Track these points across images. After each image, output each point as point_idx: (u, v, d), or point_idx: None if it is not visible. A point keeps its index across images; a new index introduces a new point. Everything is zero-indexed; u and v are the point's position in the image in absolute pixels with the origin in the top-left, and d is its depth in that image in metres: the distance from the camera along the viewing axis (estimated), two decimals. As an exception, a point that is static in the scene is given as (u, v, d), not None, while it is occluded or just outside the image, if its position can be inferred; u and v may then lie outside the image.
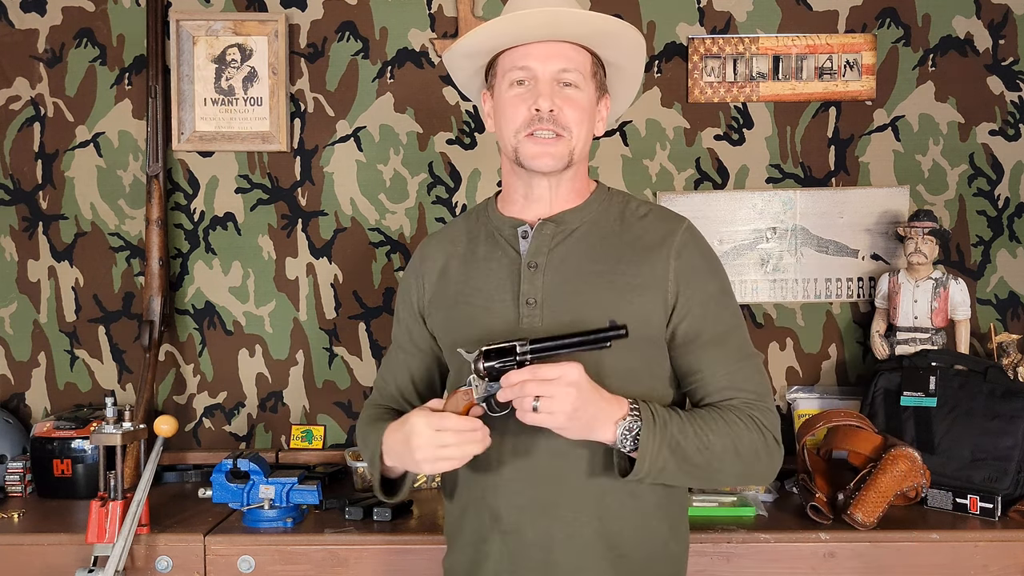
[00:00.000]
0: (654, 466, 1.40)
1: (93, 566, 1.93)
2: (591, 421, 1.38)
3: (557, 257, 1.53)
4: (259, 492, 2.07)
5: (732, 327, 1.53)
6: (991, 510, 2.04)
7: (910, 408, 2.26)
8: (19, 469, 2.34)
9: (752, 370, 1.52)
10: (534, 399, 1.34)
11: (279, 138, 2.54)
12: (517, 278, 1.53)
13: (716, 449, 1.44)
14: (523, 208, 1.57)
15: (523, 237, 1.55)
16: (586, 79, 1.52)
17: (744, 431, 1.46)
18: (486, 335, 1.49)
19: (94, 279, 2.58)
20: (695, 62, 2.54)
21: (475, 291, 1.56)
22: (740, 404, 1.48)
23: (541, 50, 1.49)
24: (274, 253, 2.58)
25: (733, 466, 1.46)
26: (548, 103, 1.47)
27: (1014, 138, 2.55)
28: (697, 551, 1.95)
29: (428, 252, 1.66)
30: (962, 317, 2.40)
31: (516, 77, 1.50)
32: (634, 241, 1.53)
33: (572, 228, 1.55)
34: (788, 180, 2.57)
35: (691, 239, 1.53)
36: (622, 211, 1.58)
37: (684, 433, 1.42)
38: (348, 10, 2.56)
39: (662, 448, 1.40)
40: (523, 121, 1.49)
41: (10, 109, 2.56)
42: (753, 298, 2.57)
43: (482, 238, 1.61)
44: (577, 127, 1.50)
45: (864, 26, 2.55)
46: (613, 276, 1.50)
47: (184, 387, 2.59)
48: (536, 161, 1.49)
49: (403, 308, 1.69)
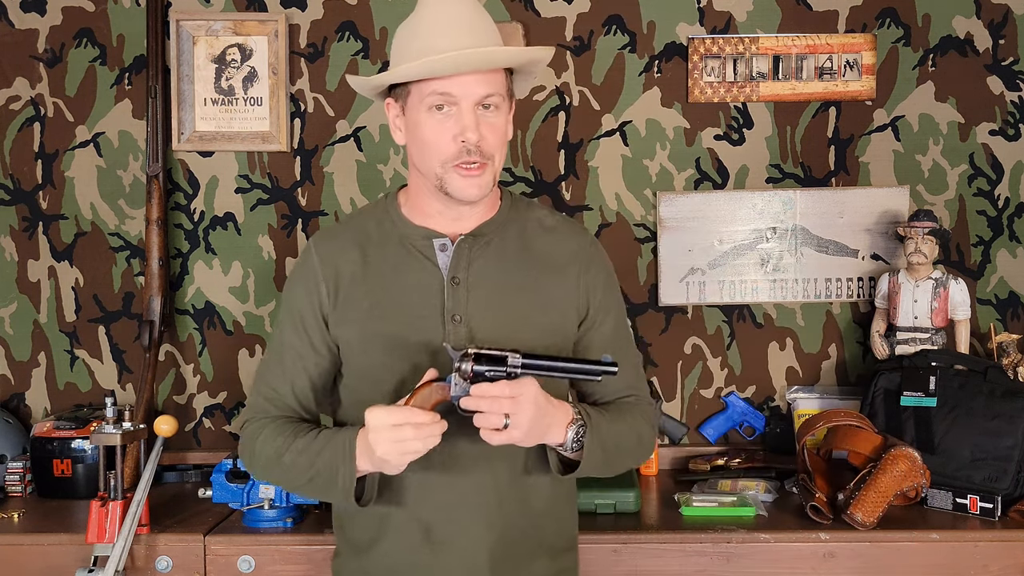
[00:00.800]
0: (592, 463, 1.51)
1: (93, 566, 1.93)
2: (545, 429, 1.46)
3: (477, 271, 1.55)
4: (259, 492, 2.07)
5: (628, 336, 1.73)
6: (991, 510, 2.04)
7: (910, 408, 2.26)
8: (19, 469, 2.34)
9: (640, 372, 1.73)
10: (505, 417, 1.40)
11: (279, 138, 2.54)
12: (440, 294, 1.53)
13: (626, 444, 1.59)
14: (437, 221, 1.56)
15: (441, 251, 1.54)
16: (504, 98, 1.52)
17: (643, 425, 1.64)
18: (411, 354, 1.52)
19: (94, 279, 2.58)
20: (695, 62, 2.54)
21: (394, 307, 1.54)
22: (635, 402, 1.65)
23: (464, 76, 1.46)
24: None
25: (633, 457, 1.65)
26: (475, 135, 1.46)
27: (1014, 138, 2.55)
28: (697, 551, 1.96)
29: (326, 254, 1.58)
30: (962, 317, 2.40)
31: (435, 102, 1.47)
32: (546, 254, 1.60)
33: (487, 240, 1.57)
34: (788, 180, 2.57)
35: (596, 254, 1.65)
36: (529, 221, 1.62)
37: (610, 432, 1.54)
38: (348, 10, 2.56)
39: (598, 448, 1.51)
40: (450, 154, 1.47)
41: (10, 109, 2.56)
42: (753, 298, 2.57)
43: (390, 245, 1.57)
44: (499, 152, 1.52)
45: (864, 26, 2.55)
46: (531, 292, 1.57)
47: (184, 387, 2.59)
48: (464, 192, 1.49)
49: (303, 310, 1.58)
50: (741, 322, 2.58)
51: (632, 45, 2.56)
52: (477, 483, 1.54)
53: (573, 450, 1.50)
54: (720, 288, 2.57)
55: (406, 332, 1.53)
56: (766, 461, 2.44)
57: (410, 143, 1.54)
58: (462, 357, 1.42)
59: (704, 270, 2.56)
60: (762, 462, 2.43)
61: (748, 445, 2.54)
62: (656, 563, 1.96)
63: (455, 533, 1.54)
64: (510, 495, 1.56)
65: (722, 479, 2.30)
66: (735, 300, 2.57)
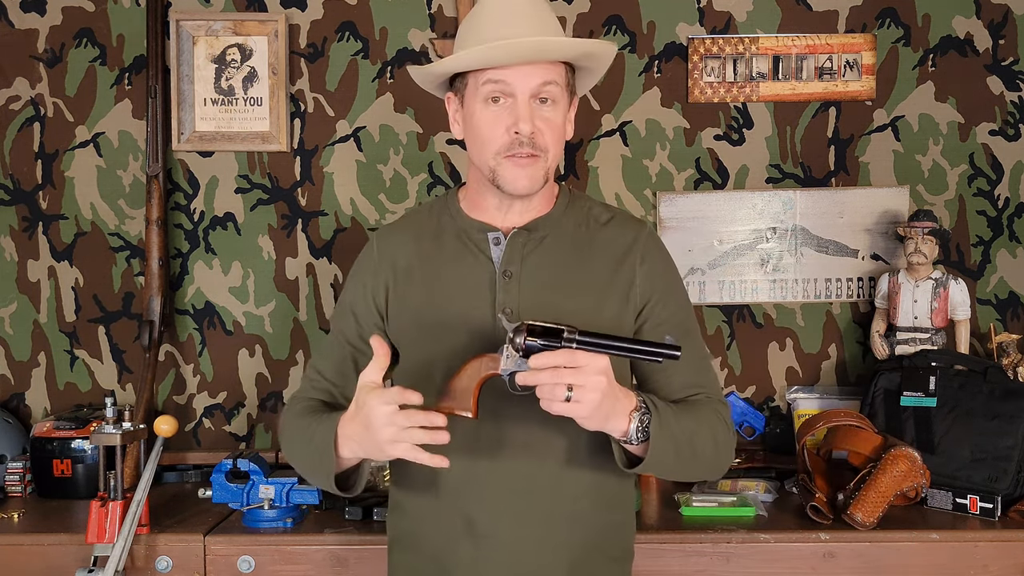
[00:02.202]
0: (660, 457, 1.41)
1: (93, 566, 1.92)
2: (610, 412, 1.36)
3: (530, 266, 1.53)
4: (259, 492, 2.07)
5: (693, 328, 1.60)
6: (991, 510, 2.04)
7: (910, 408, 2.26)
8: (19, 469, 2.34)
9: (710, 369, 1.61)
10: (567, 389, 1.31)
11: (279, 138, 2.54)
12: (492, 287, 1.52)
13: (700, 441, 1.47)
14: (493, 215, 1.56)
15: (495, 244, 1.54)
16: (562, 91, 1.50)
17: (718, 424, 1.51)
18: (460, 347, 1.48)
19: (94, 279, 2.58)
20: (695, 62, 2.54)
21: (446, 299, 1.54)
22: (704, 400, 1.54)
23: (519, 67, 1.46)
24: (274, 253, 2.58)
25: (710, 458, 1.51)
26: (529, 126, 1.45)
27: (1014, 138, 2.55)
28: (697, 551, 1.96)
29: (384, 247, 1.61)
30: (962, 317, 2.40)
31: (491, 92, 1.47)
32: (601, 249, 1.56)
33: (542, 236, 1.56)
34: (788, 180, 2.57)
35: (653, 245, 1.59)
36: (586, 217, 1.60)
37: (680, 425, 1.44)
38: (348, 10, 2.56)
39: (668, 440, 1.41)
40: (503, 144, 1.47)
41: (10, 109, 2.56)
42: (753, 298, 2.57)
43: (448, 238, 1.58)
44: (554, 147, 1.50)
45: (864, 26, 2.55)
46: (585, 287, 1.53)
47: (184, 387, 2.59)
48: (514, 184, 1.48)
49: (358, 302, 1.61)
50: (741, 322, 2.58)
51: (632, 45, 2.56)
52: (524, 474, 1.49)
53: (639, 439, 1.40)
54: (720, 288, 2.57)
55: (457, 323, 1.52)
56: (766, 461, 2.44)
57: (467, 136, 1.54)
58: (516, 329, 1.37)
59: (704, 270, 2.56)
60: (762, 462, 2.43)
61: (748, 445, 2.54)
62: (656, 563, 1.96)
63: (499, 528, 1.50)
64: (560, 491, 1.50)
65: (722, 479, 2.29)
66: (735, 300, 2.57)
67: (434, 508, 1.54)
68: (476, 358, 1.41)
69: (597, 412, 1.34)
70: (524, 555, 1.50)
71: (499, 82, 1.46)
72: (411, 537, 1.58)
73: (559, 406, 1.32)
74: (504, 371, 1.39)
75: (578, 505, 1.52)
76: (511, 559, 1.50)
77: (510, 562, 1.50)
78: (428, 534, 1.54)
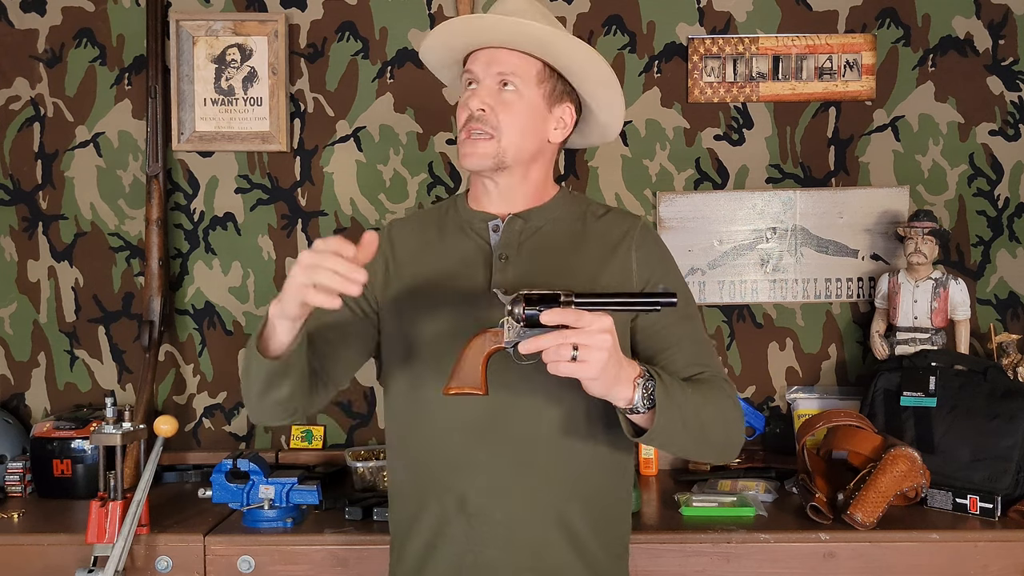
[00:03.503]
0: (668, 426, 1.39)
1: (93, 566, 1.92)
2: (616, 376, 1.35)
3: (526, 251, 1.56)
4: (259, 492, 2.07)
5: (694, 313, 1.60)
6: (991, 510, 2.04)
7: (910, 408, 2.26)
8: (19, 469, 2.34)
9: (713, 352, 1.61)
10: (573, 348, 1.30)
11: (279, 138, 2.54)
12: (488, 267, 1.55)
13: (707, 415, 1.47)
14: (490, 204, 1.61)
15: (494, 231, 1.58)
16: (527, 84, 1.54)
17: (724, 400, 1.51)
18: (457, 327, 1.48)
19: (94, 279, 2.58)
20: (695, 62, 2.54)
21: (444, 276, 1.56)
22: (710, 377, 1.54)
23: (485, 55, 1.55)
24: (274, 253, 2.58)
25: (720, 434, 1.50)
26: (478, 103, 1.53)
27: (1014, 138, 2.55)
28: (697, 551, 1.96)
29: (391, 234, 1.66)
30: (962, 317, 2.40)
31: (466, 79, 1.58)
32: (596, 239, 1.59)
33: (538, 226, 1.59)
34: (788, 180, 2.57)
35: (648, 233, 1.62)
36: (583, 212, 1.63)
37: (685, 396, 1.43)
38: (348, 10, 2.56)
39: (674, 408, 1.40)
40: (462, 122, 1.55)
41: (10, 109, 2.56)
42: (753, 298, 2.57)
43: (451, 229, 1.63)
44: (508, 128, 1.53)
45: (864, 26, 2.55)
46: (580, 270, 1.55)
47: (184, 387, 2.59)
48: (464, 160, 1.56)
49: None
50: (741, 322, 2.58)
51: (632, 45, 2.56)
52: (520, 448, 1.49)
53: (646, 407, 1.38)
54: (720, 288, 2.57)
55: (451, 295, 1.54)
56: (766, 461, 2.44)
57: None
58: (513, 300, 1.38)
59: (704, 270, 2.57)
60: (762, 462, 2.43)
61: (748, 445, 2.53)
62: (656, 563, 1.96)
63: (492, 505, 1.50)
64: (554, 468, 1.50)
65: (722, 479, 2.30)
66: (735, 300, 2.57)
67: (427, 490, 1.54)
68: (478, 335, 1.41)
69: (604, 373, 1.32)
70: (518, 531, 1.50)
71: (469, 71, 1.57)
72: (408, 522, 1.58)
73: (566, 367, 1.31)
74: (508, 343, 1.39)
75: (574, 481, 1.52)
76: (505, 535, 1.50)
77: (505, 538, 1.50)
78: (423, 517, 1.55)
